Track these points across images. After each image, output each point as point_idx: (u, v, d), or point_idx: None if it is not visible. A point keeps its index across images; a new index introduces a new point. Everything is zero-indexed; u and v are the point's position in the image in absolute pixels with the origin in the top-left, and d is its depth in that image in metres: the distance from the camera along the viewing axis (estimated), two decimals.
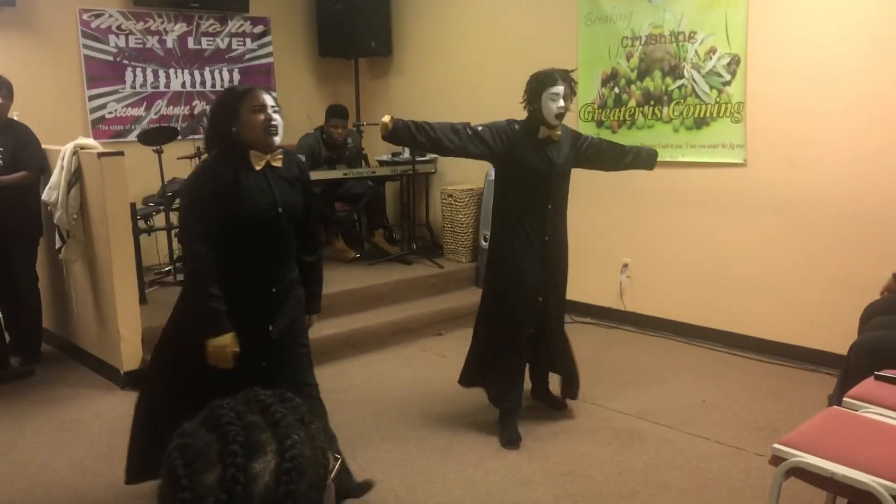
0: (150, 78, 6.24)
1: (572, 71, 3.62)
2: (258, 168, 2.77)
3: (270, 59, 6.91)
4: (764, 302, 4.79)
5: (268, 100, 2.76)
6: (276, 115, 2.75)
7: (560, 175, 3.65)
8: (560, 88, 3.48)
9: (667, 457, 3.50)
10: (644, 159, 3.95)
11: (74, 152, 4.48)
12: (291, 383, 2.84)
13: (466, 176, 6.46)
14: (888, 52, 4.12)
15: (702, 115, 4.92)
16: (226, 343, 2.74)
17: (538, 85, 3.53)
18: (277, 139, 2.77)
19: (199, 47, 6.47)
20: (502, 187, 3.71)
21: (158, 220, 5.51)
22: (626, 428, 3.82)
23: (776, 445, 2.42)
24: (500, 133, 3.57)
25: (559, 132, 3.61)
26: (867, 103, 4.23)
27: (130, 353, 4.46)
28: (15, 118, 4.81)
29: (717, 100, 4.83)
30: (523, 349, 3.77)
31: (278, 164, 2.82)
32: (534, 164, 3.57)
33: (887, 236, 4.17)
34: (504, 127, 3.60)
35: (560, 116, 3.52)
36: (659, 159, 4.02)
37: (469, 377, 3.93)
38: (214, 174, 2.75)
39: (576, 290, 5.53)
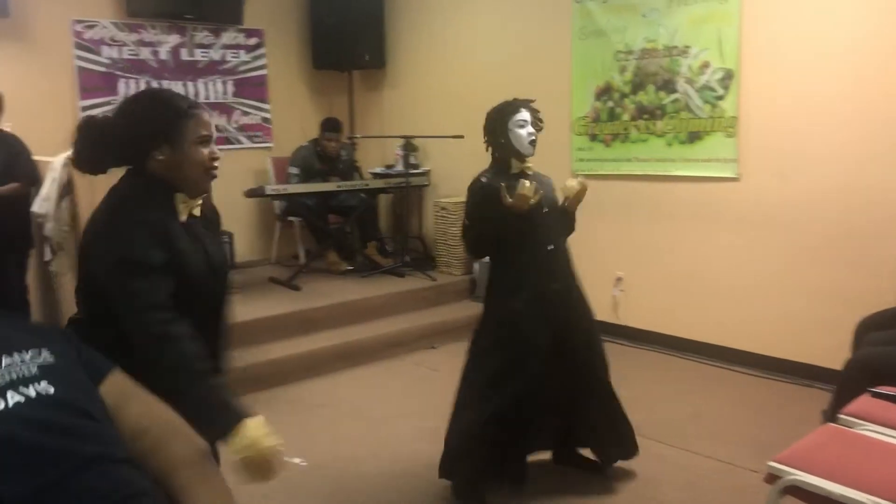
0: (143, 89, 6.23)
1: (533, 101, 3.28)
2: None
3: (264, 72, 6.90)
4: (756, 316, 4.78)
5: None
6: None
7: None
8: (526, 115, 3.18)
9: (660, 473, 3.48)
10: None
11: (66, 163, 4.44)
12: None
13: (459, 188, 6.43)
14: (880, 69, 4.14)
15: (695, 130, 4.93)
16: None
17: (500, 116, 3.21)
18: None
19: (192, 59, 6.46)
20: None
21: None
22: None
23: (772, 463, 2.40)
24: (487, 201, 3.29)
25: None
26: (858, 119, 4.24)
27: None
28: (7, 129, 4.79)
29: (711, 114, 4.85)
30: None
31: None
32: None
33: (877, 250, 4.18)
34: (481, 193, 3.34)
35: (533, 143, 3.21)
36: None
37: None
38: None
39: None
